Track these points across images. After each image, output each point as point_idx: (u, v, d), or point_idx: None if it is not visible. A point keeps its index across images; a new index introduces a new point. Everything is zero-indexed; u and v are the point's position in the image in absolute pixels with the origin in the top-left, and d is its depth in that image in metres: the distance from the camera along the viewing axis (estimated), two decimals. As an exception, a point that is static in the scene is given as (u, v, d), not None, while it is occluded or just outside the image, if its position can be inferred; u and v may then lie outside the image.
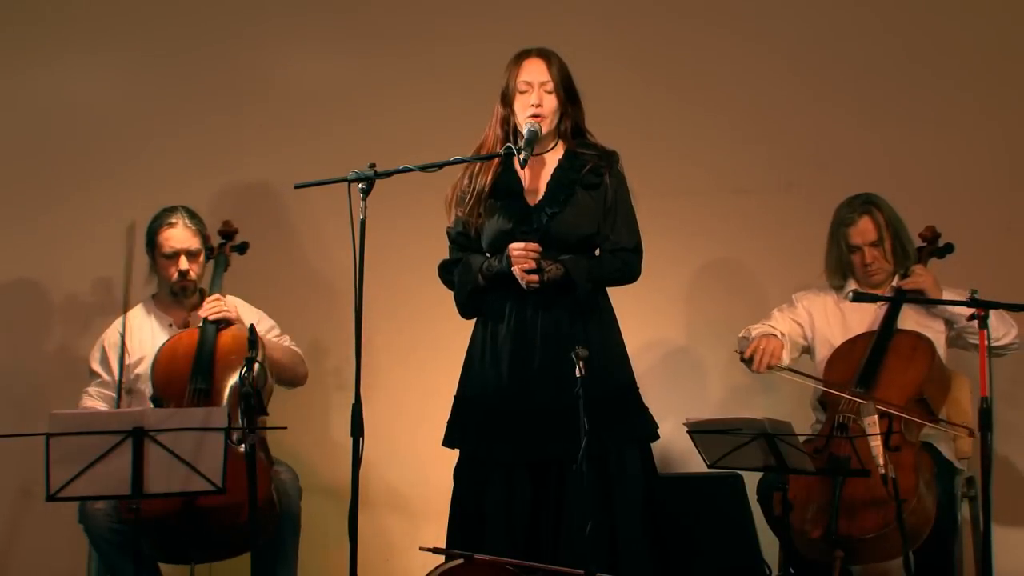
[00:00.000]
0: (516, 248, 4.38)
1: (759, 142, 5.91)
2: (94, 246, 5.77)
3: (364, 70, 5.93)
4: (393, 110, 5.77)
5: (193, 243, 4.90)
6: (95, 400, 4.91)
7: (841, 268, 5.04)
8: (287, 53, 5.99)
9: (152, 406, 4.74)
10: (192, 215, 4.93)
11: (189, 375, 4.70)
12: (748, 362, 4.94)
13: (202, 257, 4.94)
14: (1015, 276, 4.88)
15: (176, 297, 4.95)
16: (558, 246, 4.45)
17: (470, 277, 4.50)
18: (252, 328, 4.43)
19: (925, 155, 5.83)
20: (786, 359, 5.04)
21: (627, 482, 4.44)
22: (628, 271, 4.55)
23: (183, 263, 4.88)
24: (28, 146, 5.86)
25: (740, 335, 5.07)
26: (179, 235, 4.88)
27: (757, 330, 5.05)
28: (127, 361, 4.91)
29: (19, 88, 5.89)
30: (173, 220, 4.89)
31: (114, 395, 4.90)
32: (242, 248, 5.03)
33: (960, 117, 5.89)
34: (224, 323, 4.77)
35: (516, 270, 4.37)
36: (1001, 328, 4.84)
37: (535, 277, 4.36)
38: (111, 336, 4.97)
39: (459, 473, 4.53)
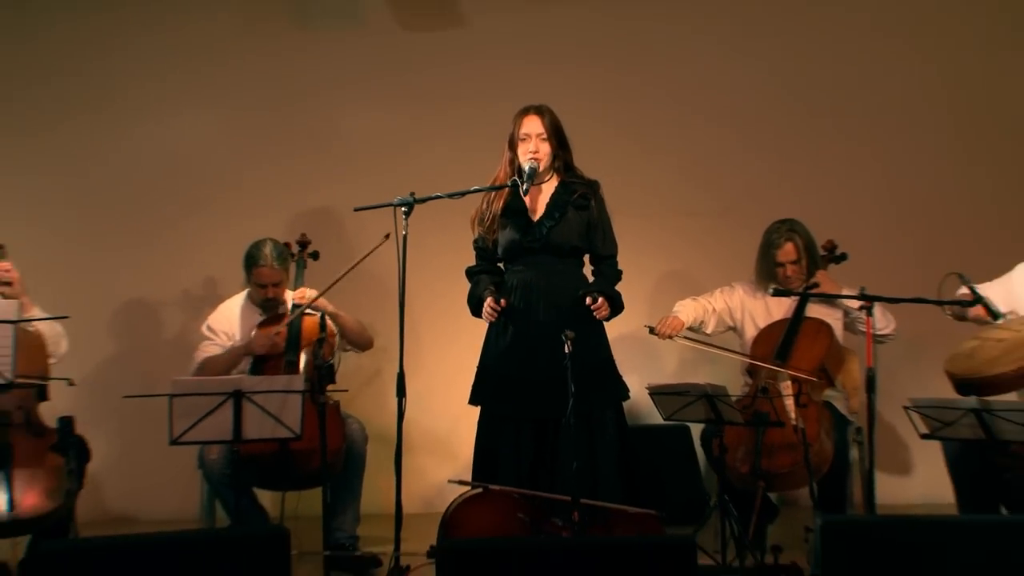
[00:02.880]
0: (487, 307, 4.42)
1: (702, 177, 5.94)
2: (202, 255, 5.80)
3: (407, 123, 5.95)
4: (428, 152, 5.78)
5: (278, 277, 4.88)
6: (214, 346, 4.90)
7: (769, 276, 5.02)
8: (349, 110, 6.01)
9: (251, 369, 4.79)
10: (278, 253, 4.88)
11: (283, 350, 4.73)
12: (654, 332, 4.94)
13: (284, 283, 4.91)
14: (894, 277, 4.88)
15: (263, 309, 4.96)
16: (555, 251, 4.47)
17: (477, 293, 4.53)
18: (323, 315, 4.49)
19: (825, 186, 5.88)
20: (710, 328, 5.09)
21: (606, 433, 4.44)
22: (618, 275, 4.57)
23: (270, 292, 4.89)
24: (153, 180, 5.88)
25: (674, 309, 5.08)
26: (267, 274, 4.85)
27: (681, 304, 5.10)
28: (225, 339, 4.94)
29: (147, 136, 5.91)
30: (263, 262, 4.83)
31: (225, 346, 4.91)
32: (315, 255, 5.03)
33: (851, 157, 5.94)
34: (309, 312, 4.73)
35: (484, 317, 4.45)
36: (882, 321, 4.87)
37: (493, 316, 4.42)
38: (217, 318, 4.98)
39: (481, 424, 4.52)
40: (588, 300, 4.39)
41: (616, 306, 4.47)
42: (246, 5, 5.93)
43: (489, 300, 4.42)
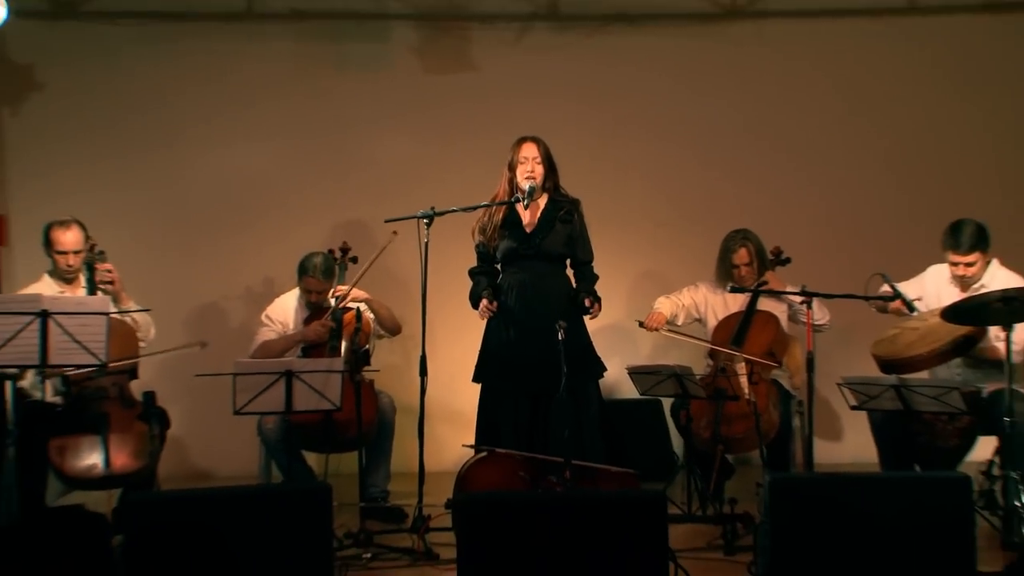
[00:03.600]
0: (482, 307, 4.45)
1: (671, 194, 5.93)
2: (261, 259, 5.77)
3: (429, 151, 5.92)
4: (446, 175, 5.72)
5: (322, 287, 4.79)
6: (270, 331, 4.87)
7: (727, 276, 5.04)
8: (381, 140, 5.97)
9: (302, 353, 4.78)
10: (326, 268, 4.78)
11: (328, 338, 4.70)
12: (643, 325, 4.96)
13: (327, 291, 4.81)
14: (829, 277, 4.86)
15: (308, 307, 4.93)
16: (545, 258, 4.49)
17: (477, 292, 4.55)
18: (358, 310, 4.49)
19: (774, 202, 5.84)
20: (680, 320, 5.07)
21: (590, 406, 4.46)
22: (596, 278, 4.60)
23: (314, 297, 4.83)
24: (221, 198, 5.87)
25: (655, 306, 5.07)
26: (313, 284, 4.79)
27: (660, 301, 5.08)
28: (280, 327, 4.90)
29: (216, 161, 5.91)
30: (311, 273, 4.76)
31: (279, 331, 4.87)
32: (355, 259, 4.95)
33: (795, 178, 5.93)
34: (346, 309, 4.71)
35: (479, 314, 4.48)
36: (820, 313, 4.86)
37: (487, 315, 4.45)
38: (274, 309, 4.96)
39: (483, 398, 4.54)
40: (588, 302, 4.42)
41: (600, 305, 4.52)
42: (295, 54, 5.92)
43: (484, 302, 4.45)
